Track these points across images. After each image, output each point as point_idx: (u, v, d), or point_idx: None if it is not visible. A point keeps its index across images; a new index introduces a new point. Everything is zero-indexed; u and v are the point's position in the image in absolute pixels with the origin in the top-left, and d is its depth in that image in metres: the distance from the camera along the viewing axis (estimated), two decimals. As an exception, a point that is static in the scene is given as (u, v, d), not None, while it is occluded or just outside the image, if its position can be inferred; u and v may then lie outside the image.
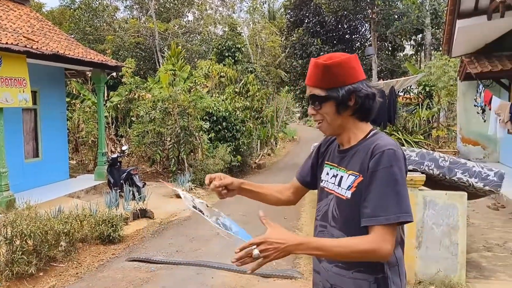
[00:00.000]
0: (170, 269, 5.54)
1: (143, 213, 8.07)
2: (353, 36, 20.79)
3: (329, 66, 1.62)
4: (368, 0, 17.29)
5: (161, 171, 13.24)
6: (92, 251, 6.27)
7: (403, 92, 18.84)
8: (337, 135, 1.75)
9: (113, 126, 14.89)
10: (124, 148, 11.31)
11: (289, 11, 20.77)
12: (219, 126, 13.32)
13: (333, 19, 18.83)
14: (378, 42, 19.20)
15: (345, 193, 1.64)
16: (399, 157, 1.56)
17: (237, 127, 13.80)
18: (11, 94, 8.05)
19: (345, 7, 17.33)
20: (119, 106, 14.96)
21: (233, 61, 17.29)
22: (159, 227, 7.68)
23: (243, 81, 16.37)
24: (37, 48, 8.62)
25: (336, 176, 1.71)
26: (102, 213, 6.81)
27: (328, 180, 1.76)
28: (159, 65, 21.56)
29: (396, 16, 17.72)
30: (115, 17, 26.50)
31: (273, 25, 25.83)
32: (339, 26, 19.57)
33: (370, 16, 18.16)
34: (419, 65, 21.60)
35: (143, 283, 5.09)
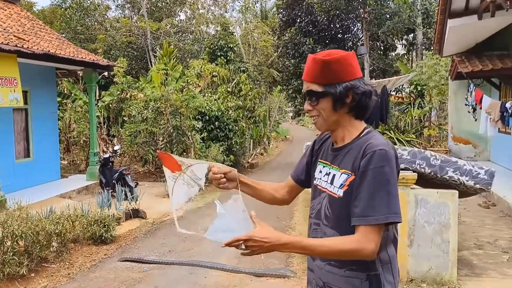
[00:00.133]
0: (163, 269, 5.53)
1: (135, 213, 8.04)
2: (345, 36, 20.81)
3: (328, 62, 1.62)
4: (360, 0, 17.34)
5: (153, 171, 13.20)
6: (84, 252, 6.24)
7: (395, 91, 18.95)
8: (332, 132, 1.75)
9: (105, 126, 14.78)
10: (116, 148, 11.27)
11: (281, 10, 20.76)
12: (211, 126, 13.29)
13: (325, 18, 18.85)
14: (370, 42, 19.26)
15: (338, 191, 1.65)
16: (390, 157, 1.56)
17: (230, 126, 13.77)
18: (2, 94, 7.97)
19: (337, 6, 17.36)
20: (111, 105, 14.85)
21: (225, 60, 17.25)
22: (151, 227, 7.66)
23: (235, 81, 16.33)
24: (28, 47, 8.55)
25: (329, 174, 1.72)
26: (94, 213, 6.77)
27: (321, 178, 1.76)
28: (151, 64, 21.47)
29: (388, 16, 17.75)
30: (106, 16, 26.32)
31: (266, 24, 25.79)
32: (331, 25, 19.59)
33: (362, 16, 18.21)
34: (410, 64, 21.70)
35: (135, 283, 5.07)
